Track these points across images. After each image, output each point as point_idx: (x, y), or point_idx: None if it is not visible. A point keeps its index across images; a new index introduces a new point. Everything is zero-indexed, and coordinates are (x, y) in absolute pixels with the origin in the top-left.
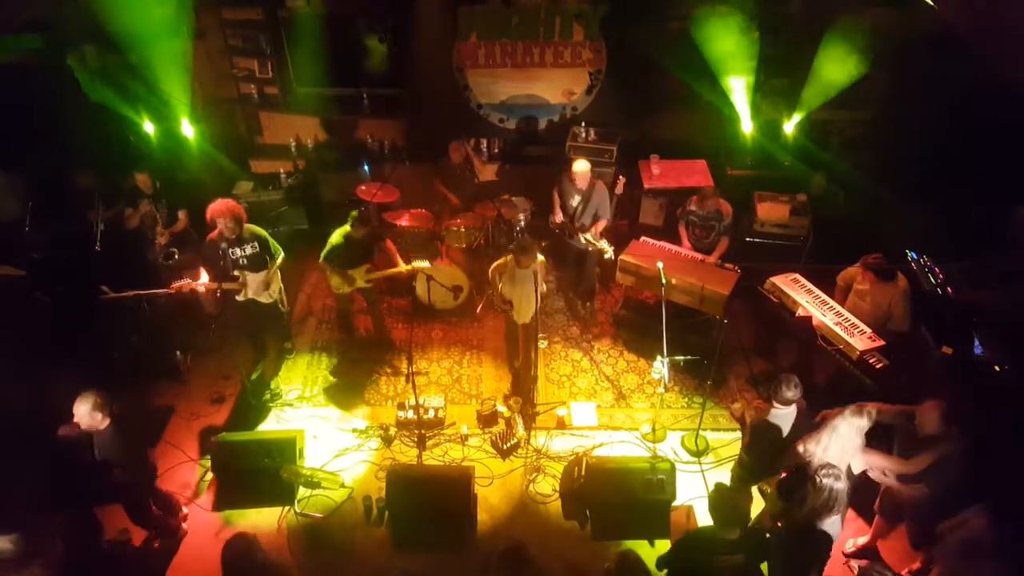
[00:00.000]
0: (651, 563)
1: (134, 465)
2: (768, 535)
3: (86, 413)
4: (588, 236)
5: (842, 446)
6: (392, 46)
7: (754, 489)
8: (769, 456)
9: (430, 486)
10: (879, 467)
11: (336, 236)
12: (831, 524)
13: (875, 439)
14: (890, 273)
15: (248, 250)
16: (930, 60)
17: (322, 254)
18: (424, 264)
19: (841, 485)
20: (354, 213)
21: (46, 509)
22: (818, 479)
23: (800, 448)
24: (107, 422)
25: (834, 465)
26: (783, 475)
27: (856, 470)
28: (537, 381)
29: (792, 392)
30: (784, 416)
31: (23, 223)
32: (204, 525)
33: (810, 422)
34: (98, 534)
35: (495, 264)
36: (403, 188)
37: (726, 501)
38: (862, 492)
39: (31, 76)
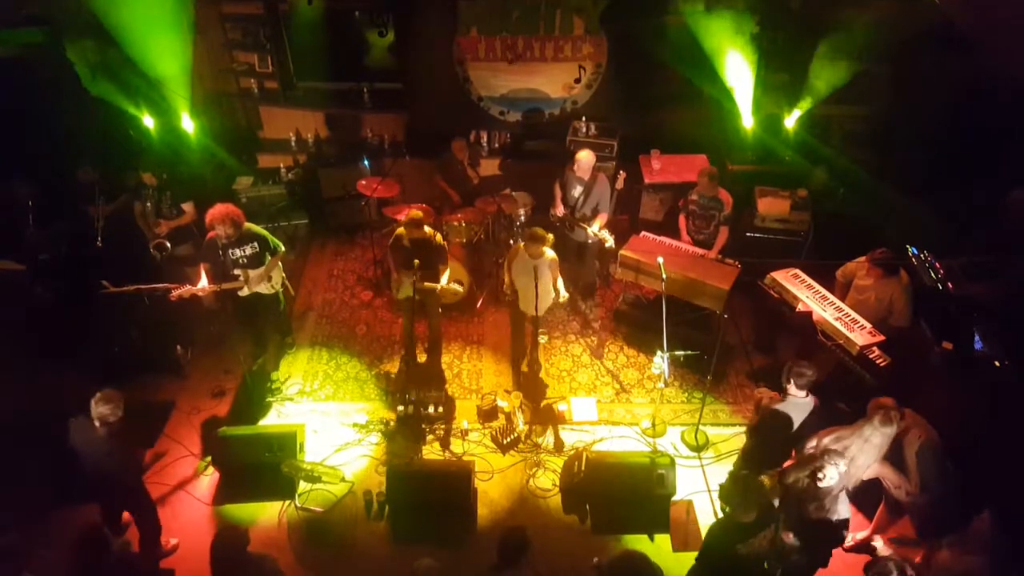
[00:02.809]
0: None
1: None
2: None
3: (109, 411)
4: (590, 228)
5: (871, 455)
6: (392, 40)
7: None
8: (778, 446)
9: (430, 481)
10: (892, 482)
11: (399, 229)
12: (842, 503)
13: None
14: (894, 268)
15: (248, 250)
16: (930, 55)
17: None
18: (457, 288)
19: (844, 468)
20: (417, 215)
21: (46, 505)
22: (835, 464)
23: (815, 442)
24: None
25: (839, 452)
26: (788, 464)
27: (867, 476)
28: (538, 377)
29: (810, 372)
30: (799, 405)
31: (26, 221)
32: (204, 519)
33: (823, 420)
34: (109, 547)
35: (511, 249)
36: (403, 183)
37: (741, 485)
38: (862, 489)
39: (31, 70)
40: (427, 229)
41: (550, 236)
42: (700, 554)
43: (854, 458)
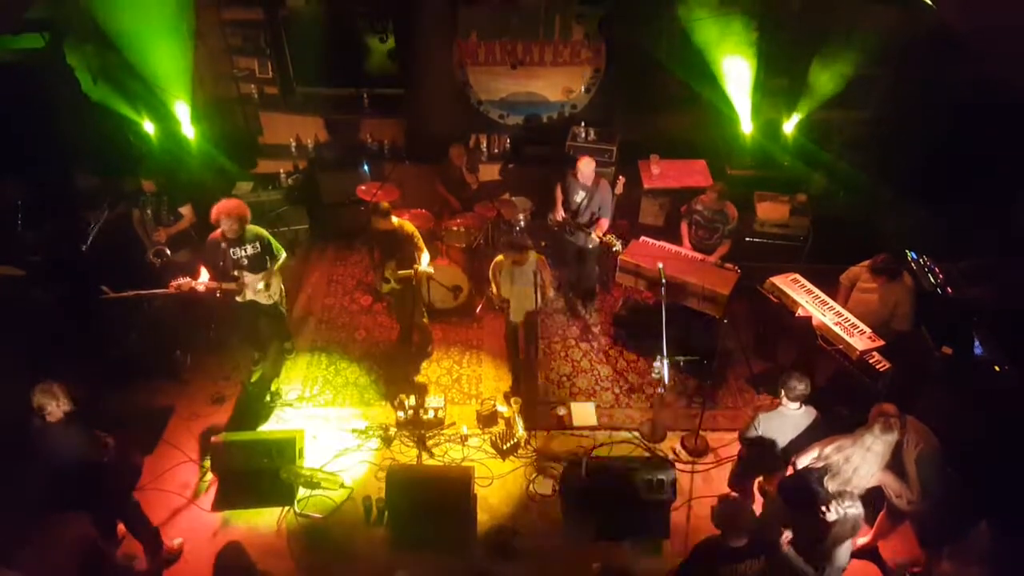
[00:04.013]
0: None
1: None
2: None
3: (46, 401)
4: (596, 234)
5: (874, 464)
6: (392, 46)
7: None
8: (771, 453)
9: (430, 486)
10: (894, 491)
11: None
12: (845, 549)
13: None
14: (898, 272)
15: (249, 250)
16: (930, 59)
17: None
18: (430, 270)
19: (857, 511)
20: (384, 205)
21: (45, 510)
22: (840, 509)
23: (815, 452)
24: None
25: (852, 493)
26: (788, 475)
27: (870, 484)
28: (536, 380)
29: (802, 386)
30: (793, 416)
31: (14, 221)
32: (203, 526)
33: (822, 433)
34: (110, 557)
35: (495, 261)
36: (403, 188)
37: (729, 511)
38: (863, 495)
39: (31, 76)
40: (394, 219)
41: (529, 243)
42: (682, 569)
43: (857, 468)
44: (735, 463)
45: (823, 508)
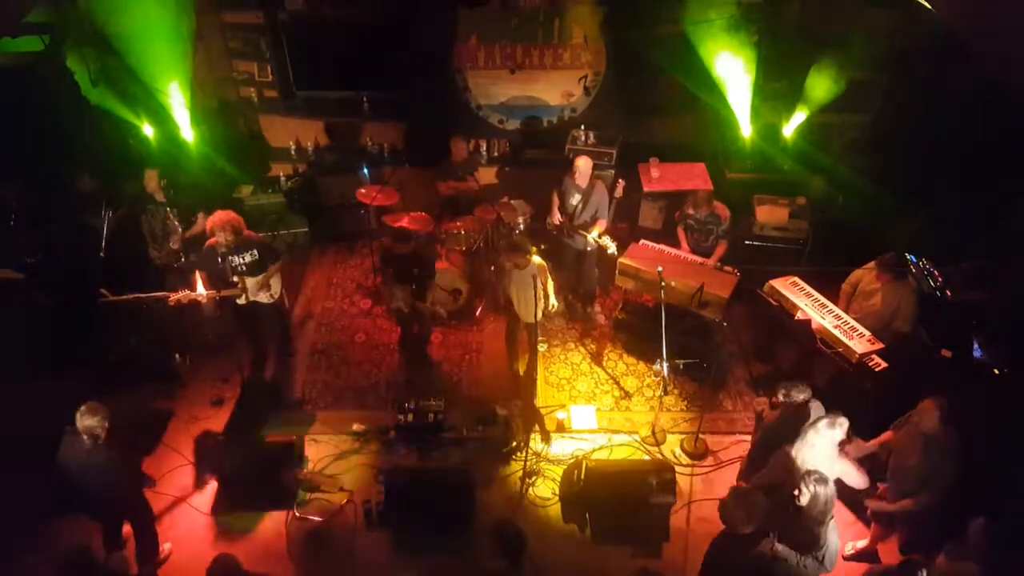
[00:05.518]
0: None
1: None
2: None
3: (95, 423)
4: (589, 235)
5: (815, 457)
6: (392, 49)
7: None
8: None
9: (430, 488)
10: (852, 482)
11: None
12: (832, 531)
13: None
14: (904, 272)
15: (247, 258)
16: (929, 63)
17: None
18: (441, 312)
19: (826, 489)
20: (405, 230)
21: (45, 514)
22: (808, 488)
23: (791, 451)
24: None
25: (818, 471)
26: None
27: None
28: (536, 384)
29: (803, 395)
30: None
31: (8, 223)
32: (202, 529)
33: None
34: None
35: (500, 268)
36: (403, 191)
37: (743, 499)
38: (860, 494)
39: (31, 78)
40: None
41: (529, 246)
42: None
43: (804, 461)
44: (743, 463)
45: (795, 492)
